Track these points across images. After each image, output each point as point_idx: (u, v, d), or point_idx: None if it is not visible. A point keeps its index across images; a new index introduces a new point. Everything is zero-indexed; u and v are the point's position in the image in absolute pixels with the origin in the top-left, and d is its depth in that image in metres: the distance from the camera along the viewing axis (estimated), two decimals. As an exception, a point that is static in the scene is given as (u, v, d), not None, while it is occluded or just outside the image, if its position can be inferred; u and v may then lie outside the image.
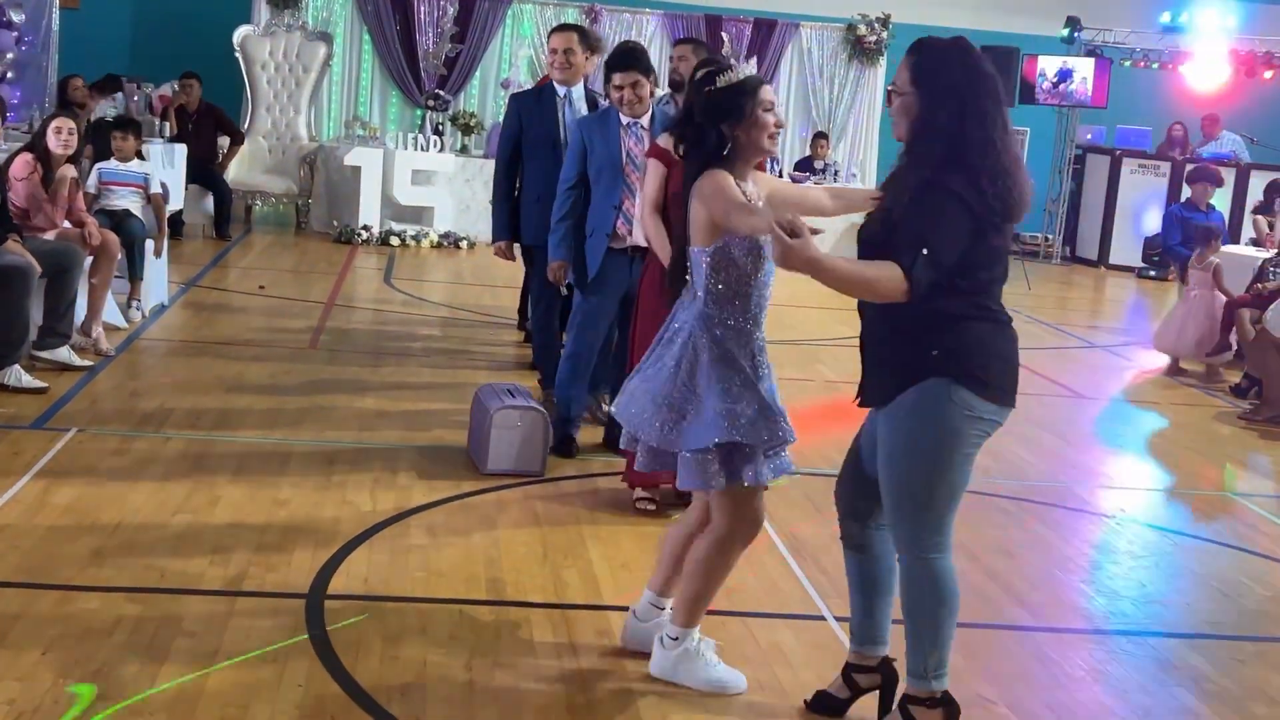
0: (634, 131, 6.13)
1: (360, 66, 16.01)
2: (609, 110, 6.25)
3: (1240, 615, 5.13)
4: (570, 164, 6.27)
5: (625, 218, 6.09)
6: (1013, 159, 3.53)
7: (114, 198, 8.66)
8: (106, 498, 5.29)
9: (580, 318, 6.25)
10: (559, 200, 6.30)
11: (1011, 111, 7.01)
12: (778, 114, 3.95)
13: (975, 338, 3.61)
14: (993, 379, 3.66)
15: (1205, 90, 17.04)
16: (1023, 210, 3.52)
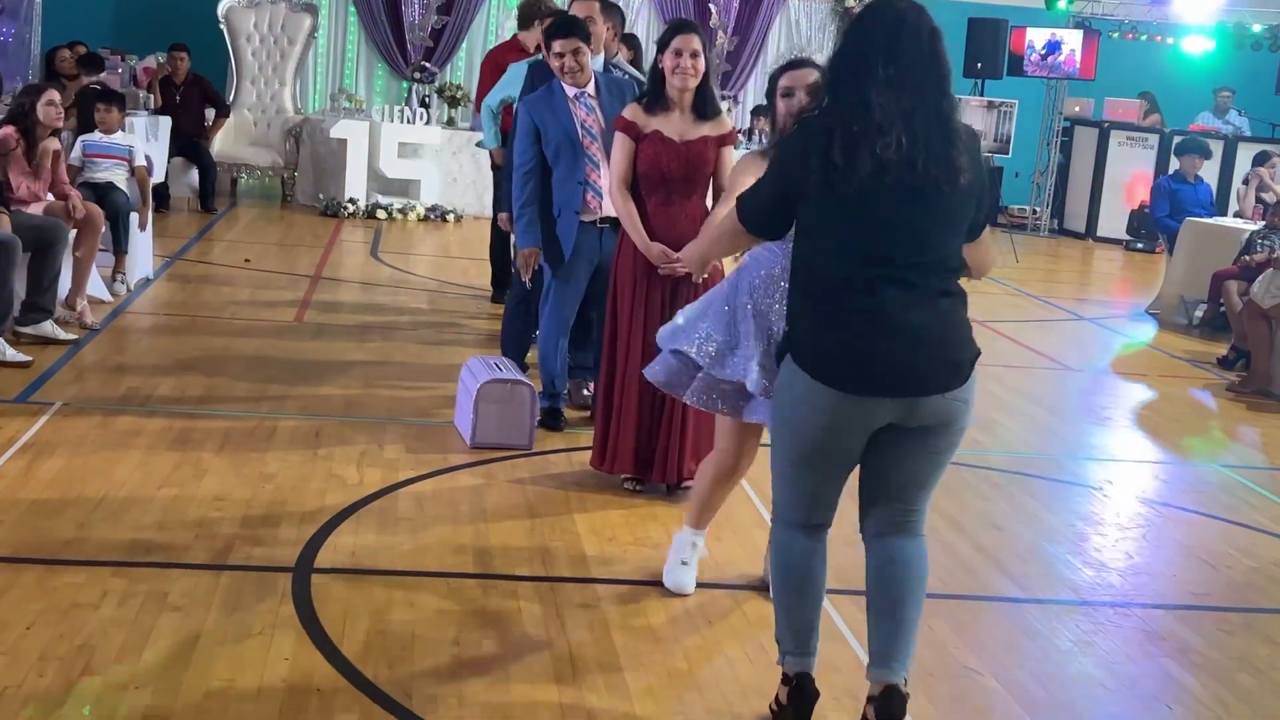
0: (583, 102, 6.04)
1: (346, 38, 15.93)
2: (552, 85, 6.10)
3: (1227, 586, 5.14)
4: (524, 146, 6.09)
5: (594, 189, 6.02)
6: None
7: (97, 170, 8.61)
8: (91, 472, 5.27)
9: (553, 294, 6.17)
10: (518, 186, 6.12)
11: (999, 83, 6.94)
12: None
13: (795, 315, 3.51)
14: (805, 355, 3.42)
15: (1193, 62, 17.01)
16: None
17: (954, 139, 3.32)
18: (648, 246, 5.31)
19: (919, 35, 3.39)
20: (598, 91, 6.09)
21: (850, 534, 4.91)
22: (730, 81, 16.56)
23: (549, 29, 6.10)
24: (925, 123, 3.31)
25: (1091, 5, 16.76)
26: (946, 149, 3.31)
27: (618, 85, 6.22)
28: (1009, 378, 8.41)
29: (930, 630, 4.42)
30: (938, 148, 3.30)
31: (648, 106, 5.35)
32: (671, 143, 5.31)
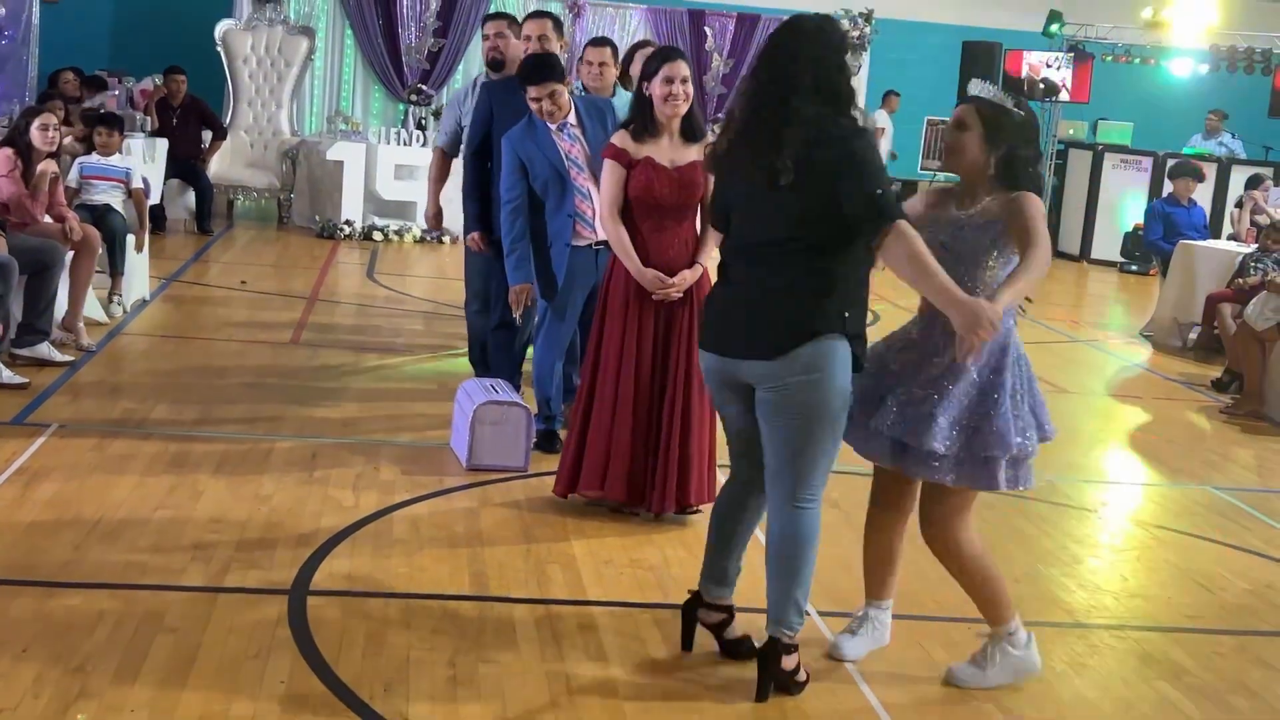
0: (566, 132, 6.05)
1: (342, 61, 15.97)
2: (533, 119, 6.07)
3: (1221, 609, 5.15)
4: (512, 183, 6.07)
5: (584, 220, 6.04)
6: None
7: (94, 192, 8.64)
8: (87, 493, 5.27)
9: (549, 317, 6.17)
10: (507, 221, 6.10)
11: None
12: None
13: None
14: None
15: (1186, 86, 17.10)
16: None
17: (781, 144, 3.69)
18: (641, 273, 5.32)
19: (780, 52, 3.83)
20: (579, 118, 6.11)
21: (848, 555, 4.93)
22: (725, 105, 16.60)
23: (521, 76, 6.04)
24: (758, 130, 3.76)
25: (1085, 29, 16.84)
26: (769, 153, 3.71)
27: (595, 107, 6.22)
28: (1004, 400, 8.42)
29: (925, 652, 4.44)
30: (762, 152, 3.73)
31: (636, 133, 5.34)
32: (663, 168, 5.32)
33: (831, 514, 5.76)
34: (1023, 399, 3.97)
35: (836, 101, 3.76)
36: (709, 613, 4.26)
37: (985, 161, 3.97)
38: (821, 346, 3.75)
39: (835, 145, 3.69)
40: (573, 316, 6.18)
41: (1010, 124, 3.95)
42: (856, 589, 4.91)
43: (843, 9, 16.44)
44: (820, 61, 3.77)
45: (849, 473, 6.43)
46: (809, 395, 3.79)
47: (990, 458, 3.90)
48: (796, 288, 3.78)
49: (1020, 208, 3.90)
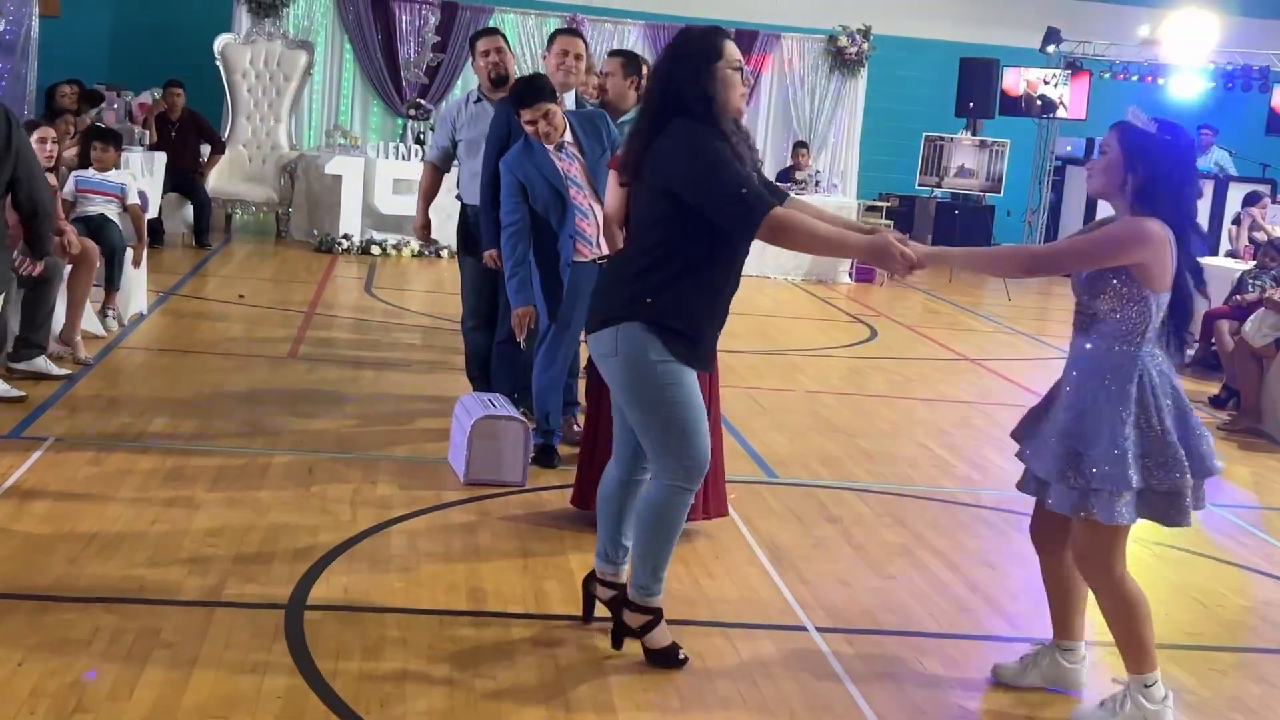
0: (564, 152, 6.06)
1: (341, 75, 16.00)
2: (528, 140, 6.07)
3: (1219, 626, 5.14)
4: (512, 206, 6.08)
5: (584, 238, 6.07)
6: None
7: (90, 205, 8.64)
8: (84, 507, 5.26)
9: (551, 332, 6.19)
10: (509, 246, 6.11)
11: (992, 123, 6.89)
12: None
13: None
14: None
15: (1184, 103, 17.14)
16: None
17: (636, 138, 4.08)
18: None
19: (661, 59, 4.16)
20: (574, 135, 6.11)
21: (844, 571, 4.93)
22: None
23: (513, 99, 6.02)
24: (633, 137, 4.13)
25: (1083, 46, 16.89)
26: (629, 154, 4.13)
27: (590, 121, 6.23)
28: (1001, 415, 8.42)
29: (923, 668, 4.43)
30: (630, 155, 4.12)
31: None
32: None
33: (830, 529, 5.79)
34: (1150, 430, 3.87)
35: (686, 111, 3.97)
36: (603, 589, 4.41)
37: (1122, 185, 3.93)
38: (615, 330, 4.04)
39: (673, 141, 3.95)
40: (575, 331, 6.19)
41: (1151, 149, 3.89)
42: (853, 603, 4.92)
43: (840, 25, 16.51)
44: (667, 77, 4.03)
45: (849, 489, 6.44)
46: (612, 376, 4.11)
47: (1090, 489, 3.86)
48: (615, 273, 4.19)
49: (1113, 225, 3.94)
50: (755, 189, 3.91)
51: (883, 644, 4.62)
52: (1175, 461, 3.85)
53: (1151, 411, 3.88)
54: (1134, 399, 3.88)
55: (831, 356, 9.68)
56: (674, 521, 4.16)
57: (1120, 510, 3.84)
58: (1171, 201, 3.87)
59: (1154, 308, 3.89)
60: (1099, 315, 3.94)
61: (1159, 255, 3.82)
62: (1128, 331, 3.91)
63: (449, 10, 15.83)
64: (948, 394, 8.94)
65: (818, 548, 5.53)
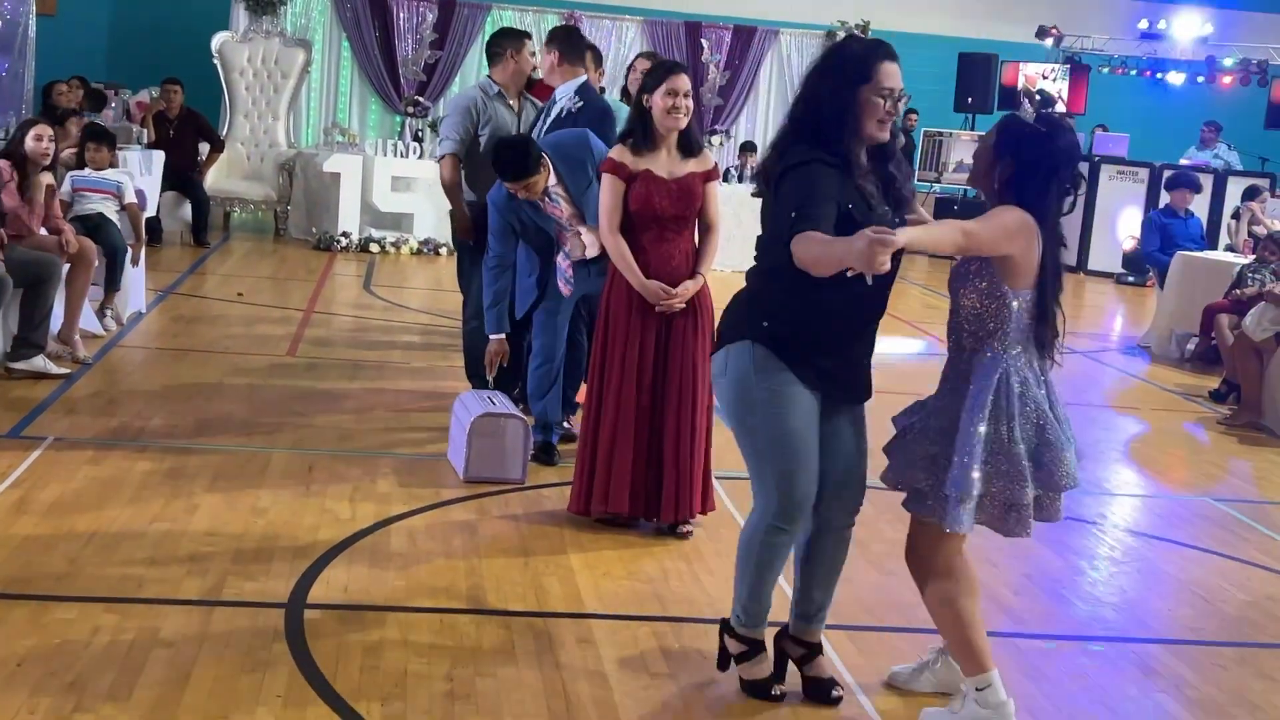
0: (550, 197, 6.05)
1: (339, 73, 15.99)
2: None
3: (1221, 621, 5.14)
4: (502, 248, 6.13)
5: (564, 276, 6.10)
6: None
7: (86, 203, 8.62)
8: (83, 507, 5.25)
9: (543, 329, 6.20)
10: (490, 280, 6.15)
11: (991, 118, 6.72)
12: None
13: None
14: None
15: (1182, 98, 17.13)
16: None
17: (773, 149, 3.86)
18: (644, 285, 5.32)
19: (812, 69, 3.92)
20: (557, 174, 6.05)
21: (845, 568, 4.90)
22: (722, 116, 16.63)
23: (497, 170, 5.98)
24: (773, 146, 3.90)
25: (1081, 41, 16.86)
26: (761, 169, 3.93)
27: (571, 156, 6.10)
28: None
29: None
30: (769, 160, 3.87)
31: (635, 146, 5.35)
32: (663, 181, 5.33)
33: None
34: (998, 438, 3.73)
35: (809, 121, 3.77)
36: (793, 646, 4.15)
37: (989, 173, 3.83)
38: (729, 350, 3.89)
39: (782, 171, 3.75)
40: (565, 323, 6.20)
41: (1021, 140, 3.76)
42: (854, 600, 4.90)
43: (839, 20, 16.48)
44: (812, 83, 3.82)
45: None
46: (721, 397, 3.98)
47: (941, 493, 3.78)
48: (739, 294, 4.00)
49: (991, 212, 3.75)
50: (809, 212, 3.59)
51: (884, 640, 4.61)
52: (1016, 473, 3.72)
53: (1003, 419, 3.73)
54: (989, 404, 3.73)
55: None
56: (764, 561, 3.94)
57: (961, 517, 3.74)
58: (1035, 195, 3.72)
59: (1014, 307, 3.74)
60: (961, 312, 3.83)
61: (1025, 247, 3.70)
62: (989, 332, 3.77)
63: (447, 7, 15.82)
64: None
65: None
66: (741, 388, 3.84)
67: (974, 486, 3.71)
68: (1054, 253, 3.81)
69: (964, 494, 3.72)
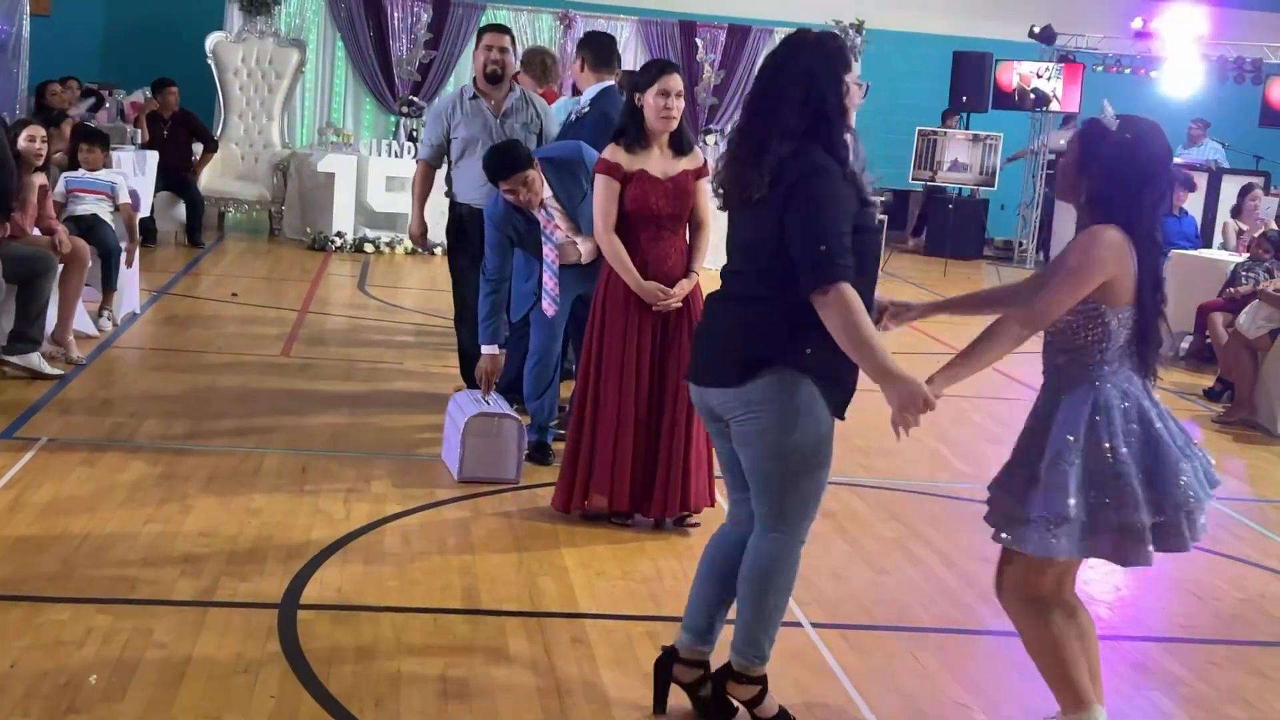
0: (546, 211, 6.02)
1: (334, 73, 15.97)
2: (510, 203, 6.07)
3: (1215, 619, 5.14)
4: (497, 264, 6.07)
5: (550, 296, 6.06)
6: None
7: (80, 204, 8.61)
8: (76, 508, 5.24)
9: (538, 328, 6.19)
10: (486, 296, 6.08)
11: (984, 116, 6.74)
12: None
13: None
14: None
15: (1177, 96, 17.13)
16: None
17: (764, 156, 3.52)
18: (641, 286, 5.33)
19: (772, 62, 3.66)
20: (552, 187, 6.03)
21: (840, 566, 4.91)
22: (717, 115, 16.63)
23: (489, 172, 5.94)
24: (744, 143, 3.61)
25: (1075, 39, 16.87)
26: (749, 165, 3.55)
27: (566, 169, 6.09)
28: (998, 410, 8.43)
29: (919, 664, 4.42)
30: (745, 163, 3.57)
31: (629, 146, 5.36)
32: (657, 180, 5.34)
33: (825, 524, 5.77)
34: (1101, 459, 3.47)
35: (823, 120, 3.52)
36: (684, 669, 3.91)
37: (1077, 188, 3.58)
38: (772, 378, 3.53)
39: (798, 176, 3.47)
40: (560, 325, 6.19)
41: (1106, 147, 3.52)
42: (848, 598, 4.91)
43: (834, 19, 16.47)
44: (811, 75, 3.54)
45: (844, 484, 6.43)
46: (763, 429, 3.58)
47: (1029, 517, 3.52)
48: (756, 313, 3.59)
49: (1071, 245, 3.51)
50: (842, 249, 3.43)
51: (878, 639, 4.62)
52: (1125, 496, 3.44)
53: (1104, 439, 3.48)
54: (1084, 423, 3.49)
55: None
56: (793, 576, 3.78)
57: (1053, 542, 3.47)
58: (1126, 206, 3.48)
59: (1113, 324, 3.50)
60: (1056, 332, 3.59)
61: (1117, 268, 3.46)
62: (1085, 351, 3.53)
63: (441, 7, 15.80)
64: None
65: (813, 543, 5.46)
66: (793, 416, 3.54)
67: (1068, 510, 3.44)
68: (1152, 266, 3.53)
69: (1056, 517, 3.46)
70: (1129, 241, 3.46)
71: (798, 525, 3.72)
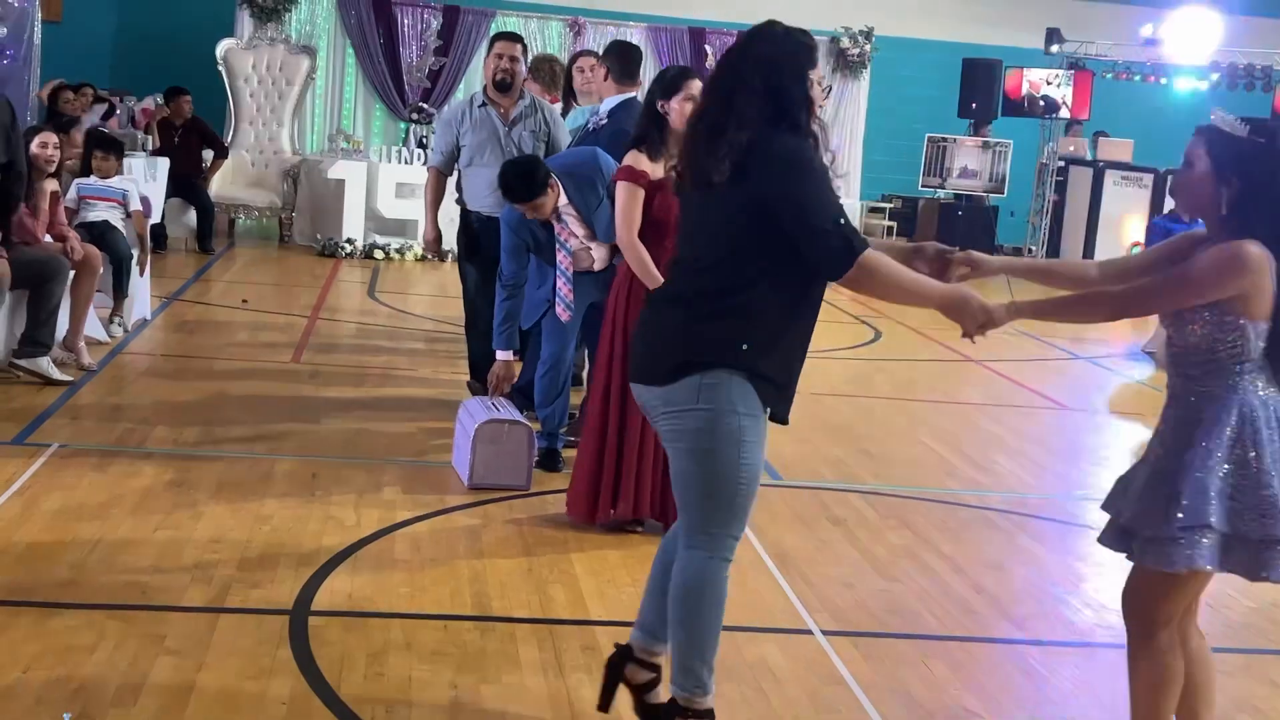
0: (562, 219, 6.04)
1: (344, 79, 16.00)
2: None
3: (1226, 627, 5.13)
4: (514, 268, 6.12)
5: (563, 301, 6.08)
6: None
7: (92, 211, 8.64)
8: (87, 514, 5.25)
9: (551, 334, 6.19)
10: (502, 297, 6.13)
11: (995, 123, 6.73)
12: None
13: None
14: None
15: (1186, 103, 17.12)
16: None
17: (719, 141, 3.41)
18: None
19: (733, 51, 3.56)
20: (568, 195, 6.04)
21: (849, 575, 4.90)
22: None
23: (505, 193, 5.98)
24: (701, 128, 3.50)
25: (1085, 46, 16.86)
26: (706, 152, 3.44)
27: (584, 178, 6.10)
28: (1007, 418, 8.42)
29: (929, 671, 4.42)
30: (700, 151, 3.47)
31: (651, 152, 5.35)
32: None
33: (835, 531, 5.78)
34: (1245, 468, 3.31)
35: (785, 109, 3.43)
36: (636, 670, 3.81)
37: (1216, 201, 3.38)
38: (698, 378, 3.44)
39: (774, 165, 3.40)
40: (574, 332, 6.19)
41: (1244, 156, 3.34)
42: (859, 606, 4.90)
43: (843, 26, 16.50)
44: (772, 63, 3.44)
45: (854, 490, 6.43)
46: (683, 429, 3.48)
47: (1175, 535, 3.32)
48: (693, 309, 3.49)
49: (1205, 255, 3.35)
50: (846, 224, 3.38)
51: (889, 647, 4.61)
52: (1271, 507, 3.27)
53: (1248, 447, 3.31)
54: (1227, 432, 3.32)
55: (835, 359, 9.66)
56: (722, 596, 3.58)
57: (1196, 554, 3.28)
58: (1271, 217, 3.31)
59: (1251, 336, 3.32)
60: (1188, 348, 3.40)
61: (1258, 281, 3.27)
62: (1222, 363, 3.35)
63: (451, 14, 15.83)
64: (952, 395, 8.93)
65: (823, 550, 5.52)
66: (721, 418, 3.44)
67: (1209, 517, 3.27)
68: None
69: (1199, 525, 3.28)
70: (1269, 254, 3.29)
71: (720, 540, 3.55)
